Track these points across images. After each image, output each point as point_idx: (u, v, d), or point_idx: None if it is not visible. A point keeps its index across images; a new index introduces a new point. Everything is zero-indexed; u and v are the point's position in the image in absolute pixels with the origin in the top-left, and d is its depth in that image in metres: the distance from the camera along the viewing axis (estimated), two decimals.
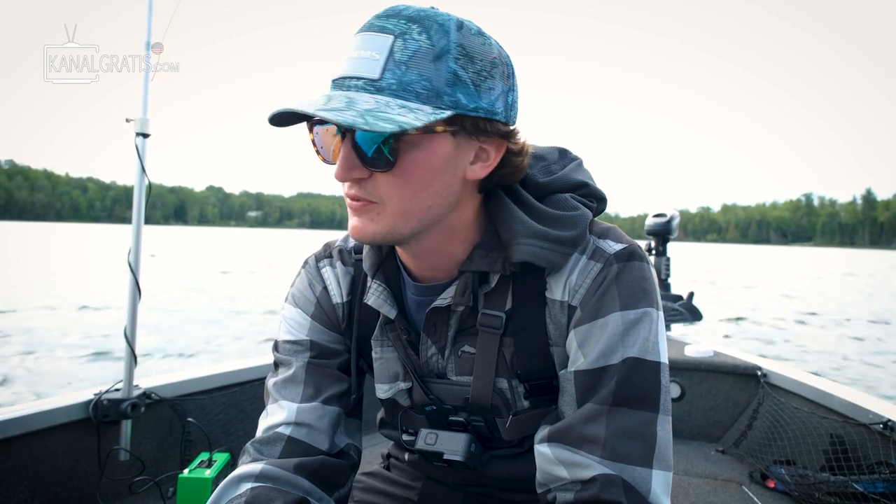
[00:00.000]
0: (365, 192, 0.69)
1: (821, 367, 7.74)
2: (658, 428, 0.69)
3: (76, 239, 53.95)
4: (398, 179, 0.68)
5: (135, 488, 1.81)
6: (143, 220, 1.87)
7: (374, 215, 0.70)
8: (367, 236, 0.71)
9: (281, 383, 0.85)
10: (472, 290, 0.79)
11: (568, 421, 0.72)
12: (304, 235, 22.50)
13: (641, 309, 0.72)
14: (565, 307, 0.76)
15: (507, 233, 0.75)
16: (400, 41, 0.65)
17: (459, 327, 0.81)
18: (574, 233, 0.75)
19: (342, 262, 0.91)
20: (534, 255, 0.73)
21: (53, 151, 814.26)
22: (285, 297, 0.93)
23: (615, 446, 0.67)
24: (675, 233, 3.48)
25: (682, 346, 2.74)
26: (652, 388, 0.70)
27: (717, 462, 2.29)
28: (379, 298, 0.82)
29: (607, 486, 0.66)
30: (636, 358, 0.70)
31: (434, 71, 0.65)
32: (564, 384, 0.76)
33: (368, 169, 0.67)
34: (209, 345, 8.20)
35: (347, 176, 0.68)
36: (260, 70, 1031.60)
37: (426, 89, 0.65)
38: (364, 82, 0.65)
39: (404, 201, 0.69)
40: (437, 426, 0.85)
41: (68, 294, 12.55)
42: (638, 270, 0.74)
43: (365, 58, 0.65)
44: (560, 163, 0.85)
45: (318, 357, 0.86)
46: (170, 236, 78.91)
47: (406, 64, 0.64)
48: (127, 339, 1.82)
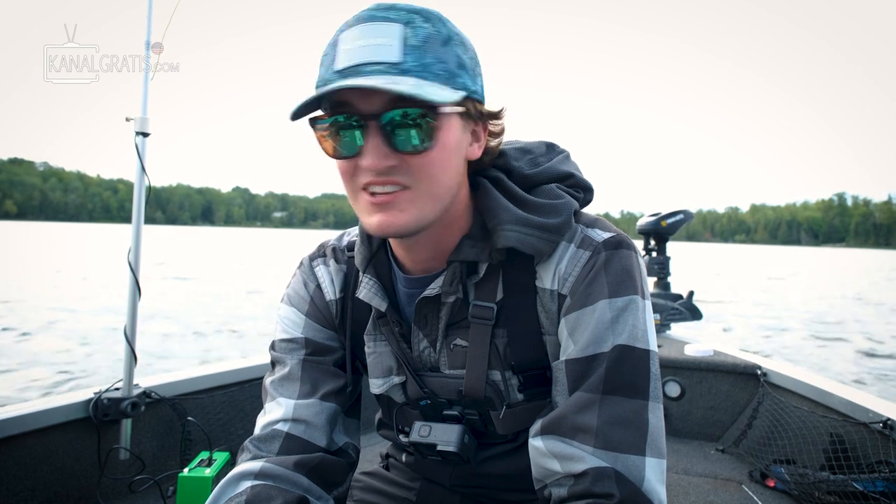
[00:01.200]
0: (399, 178, 0.68)
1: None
2: (650, 415, 0.70)
3: (107, 239, 54.16)
4: (430, 161, 0.68)
5: (135, 487, 1.81)
6: (142, 220, 1.87)
7: (405, 204, 0.69)
8: (399, 228, 0.70)
9: (278, 381, 0.86)
10: (462, 281, 0.79)
11: (560, 411, 0.72)
12: (328, 236, 23.18)
13: (629, 296, 0.73)
14: (555, 295, 0.77)
15: (493, 220, 0.76)
16: (409, 28, 0.66)
17: (451, 320, 0.81)
18: (559, 220, 0.76)
19: (335, 260, 0.92)
20: (518, 241, 0.74)
21: (83, 152, 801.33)
22: (281, 298, 0.94)
23: (608, 435, 0.68)
24: (675, 231, 3.46)
25: (681, 346, 2.74)
26: (642, 375, 0.71)
27: (717, 461, 2.29)
28: (370, 292, 0.83)
29: (599, 480, 0.66)
30: (625, 345, 0.71)
31: (446, 54, 0.68)
32: (556, 374, 0.76)
33: (401, 154, 0.67)
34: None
35: (381, 163, 0.67)
36: (260, 70, 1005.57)
37: (444, 71, 0.67)
38: (385, 66, 0.64)
39: (434, 183, 0.70)
40: (431, 421, 0.85)
41: (92, 296, 12.57)
42: (626, 259, 0.75)
43: (377, 45, 0.65)
44: (547, 156, 0.87)
45: (314, 354, 0.87)
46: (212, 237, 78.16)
47: (421, 48, 0.66)
48: (127, 338, 1.83)
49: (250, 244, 56.99)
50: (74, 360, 6.72)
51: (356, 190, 0.71)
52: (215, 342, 8.25)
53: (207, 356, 7.24)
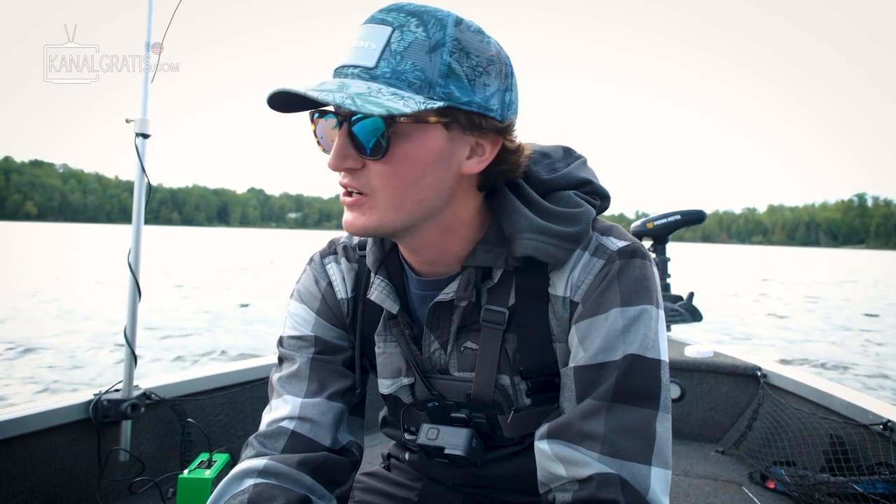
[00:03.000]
0: (357, 182, 0.70)
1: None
2: (658, 425, 0.70)
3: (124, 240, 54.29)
4: (390, 170, 0.68)
5: (134, 489, 1.81)
6: (143, 220, 1.87)
7: (366, 209, 0.71)
8: (358, 229, 0.72)
9: (285, 378, 0.85)
10: (476, 286, 0.79)
11: (567, 417, 0.72)
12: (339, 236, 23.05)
13: (641, 306, 0.73)
14: (567, 303, 0.77)
15: (511, 228, 0.76)
16: (398, 33, 0.66)
17: (462, 323, 0.81)
18: (577, 229, 0.76)
19: (346, 259, 0.92)
20: (537, 249, 0.74)
21: (99, 152, 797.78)
22: (291, 294, 0.94)
23: (614, 442, 0.67)
24: (668, 233, 3.43)
25: (682, 347, 2.74)
26: (652, 385, 0.71)
27: (717, 463, 2.29)
28: (382, 293, 0.83)
29: (604, 486, 0.66)
30: (636, 355, 0.71)
31: (428, 62, 0.66)
32: (565, 380, 0.76)
33: (361, 158, 0.68)
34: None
35: (341, 165, 0.69)
36: (260, 70, 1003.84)
37: (419, 79, 0.66)
38: (360, 70, 0.67)
39: (395, 193, 0.69)
40: (438, 423, 0.85)
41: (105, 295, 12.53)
42: (640, 268, 0.75)
43: (364, 48, 0.67)
44: (564, 161, 0.86)
45: (323, 353, 0.87)
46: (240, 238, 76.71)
47: (401, 54, 0.66)
48: (127, 339, 1.82)
49: (266, 245, 56.54)
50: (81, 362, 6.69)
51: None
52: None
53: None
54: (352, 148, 0.68)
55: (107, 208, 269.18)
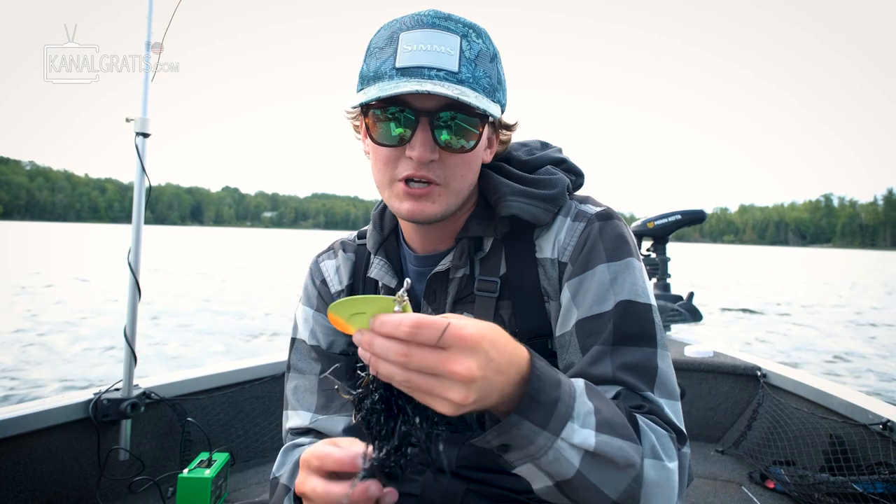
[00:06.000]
0: (433, 173, 0.77)
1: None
2: (658, 360, 0.75)
3: (95, 239, 53.63)
4: (464, 161, 0.78)
5: (134, 488, 1.81)
6: (142, 220, 1.87)
7: (436, 197, 0.78)
8: (428, 216, 0.79)
9: (296, 391, 0.94)
10: (469, 256, 0.88)
11: (577, 369, 0.77)
12: (318, 236, 22.26)
13: (624, 259, 0.80)
14: (556, 263, 0.85)
15: (495, 195, 0.85)
16: (465, 41, 0.76)
17: (458, 295, 0.88)
18: (554, 191, 0.85)
19: (343, 251, 1.01)
20: (519, 209, 0.83)
21: (67, 151, 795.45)
22: (299, 297, 1.02)
23: (622, 379, 0.73)
24: (668, 233, 3.43)
25: (682, 347, 2.74)
26: (647, 326, 0.77)
27: (717, 462, 2.29)
28: (381, 270, 0.92)
29: (626, 399, 0.71)
30: (628, 300, 0.77)
31: (493, 70, 0.79)
32: (567, 338, 0.81)
33: (443, 151, 0.76)
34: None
35: (427, 156, 0.75)
36: (260, 70, 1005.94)
37: (489, 85, 0.77)
38: (445, 73, 0.74)
39: (462, 181, 0.80)
40: None
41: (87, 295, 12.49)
42: (618, 227, 0.84)
43: (440, 52, 0.74)
44: (541, 150, 0.97)
45: (329, 363, 0.94)
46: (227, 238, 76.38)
47: (474, 62, 0.76)
48: (127, 338, 1.82)
49: (241, 244, 56.44)
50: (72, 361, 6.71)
51: (392, 178, 0.79)
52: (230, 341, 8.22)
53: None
54: (437, 142, 0.75)
55: (76, 206, 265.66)
